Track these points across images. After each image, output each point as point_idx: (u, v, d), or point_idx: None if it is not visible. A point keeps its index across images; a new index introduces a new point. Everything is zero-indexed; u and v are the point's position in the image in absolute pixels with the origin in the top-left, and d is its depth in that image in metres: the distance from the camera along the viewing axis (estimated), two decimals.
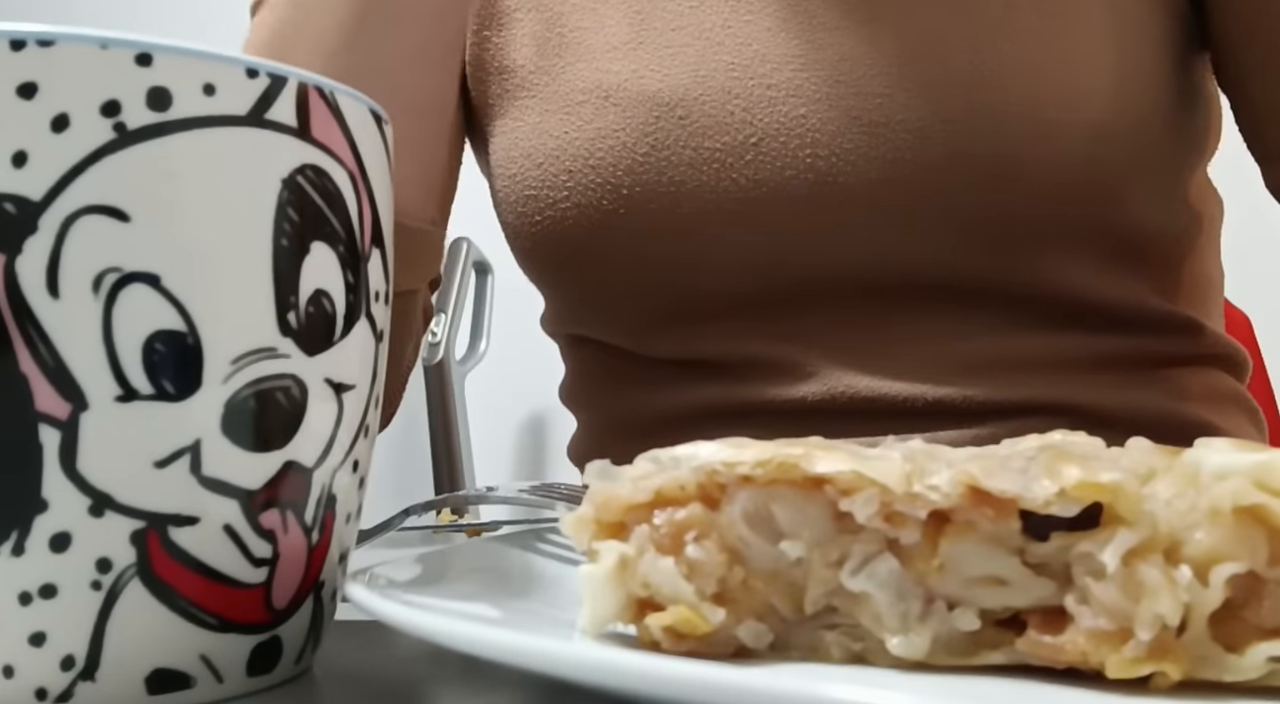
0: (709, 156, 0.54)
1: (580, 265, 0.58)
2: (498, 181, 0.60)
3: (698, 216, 0.55)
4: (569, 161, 0.56)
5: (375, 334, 0.28)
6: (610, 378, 0.63)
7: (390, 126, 0.30)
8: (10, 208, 0.23)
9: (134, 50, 0.24)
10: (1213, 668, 0.21)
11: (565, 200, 0.56)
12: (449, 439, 1.55)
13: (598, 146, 0.56)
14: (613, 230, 0.56)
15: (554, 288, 0.63)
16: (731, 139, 0.54)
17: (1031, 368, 0.54)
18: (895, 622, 0.23)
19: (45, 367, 0.23)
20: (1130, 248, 0.55)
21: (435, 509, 0.52)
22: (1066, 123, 0.51)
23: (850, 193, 0.53)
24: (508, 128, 0.60)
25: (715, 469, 0.24)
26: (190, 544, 0.24)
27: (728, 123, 0.54)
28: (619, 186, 0.55)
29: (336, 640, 0.32)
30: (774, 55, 0.55)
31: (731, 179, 0.54)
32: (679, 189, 0.54)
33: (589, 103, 0.57)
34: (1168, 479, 0.22)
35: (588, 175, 0.56)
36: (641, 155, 0.55)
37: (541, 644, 0.19)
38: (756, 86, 0.54)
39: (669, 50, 0.57)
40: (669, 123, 0.55)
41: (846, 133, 0.53)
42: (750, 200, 0.54)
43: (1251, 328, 0.94)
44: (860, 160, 0.53)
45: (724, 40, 0.56)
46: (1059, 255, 0.53)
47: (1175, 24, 0.56)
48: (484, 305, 1.67)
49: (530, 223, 0.58)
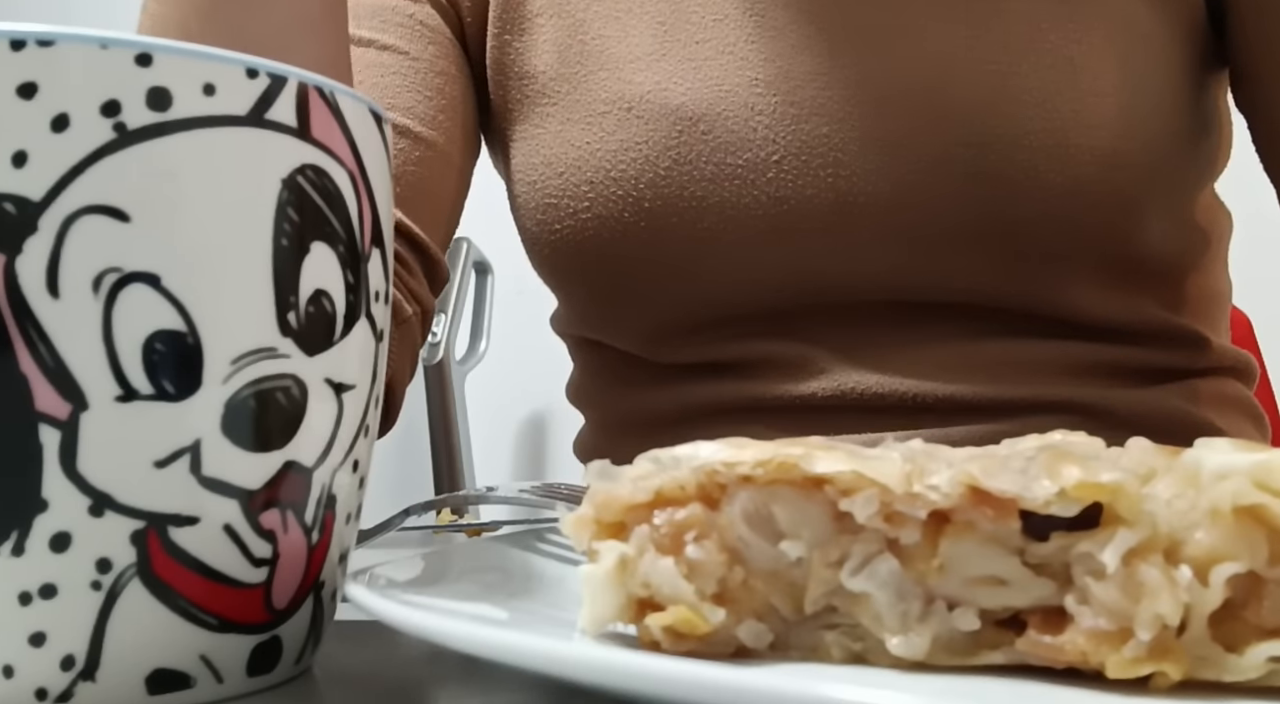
0: (731, 172, 0.54)
1: (598, 275, 0.58)
2: (517, 187, 0.60)
3: (717, 231, 0.55)
4: (590, 172, 0.56)
5: (375, 334, 0.28)
6: (619, 379, 0.63)
7: (390, 126, 0.30)
8: (10, 208, 0.23)
9: (134, 50, 0.24)
10: (1213, 668, 0.21)
11: (586, 211, 0.56)
12: (449, 439, 1.55)
13: (620, 159, 0.56)
14: (632, 242, 0.56)
15: (570, 294, 0.63)
16: (754, 155, 0.54)
17: (1041, 369, 0.55)
18: (895, 622, 0.23)
19: (45, 367, 0.23)
20: (1140, 265, 0.56)
21: (435, 509, 0.52)
22: (1082, 147, 0.51)
23: (869, 212, 0.53)
24: (529, 134, 0.60)
25: (715, 469, 0.24)
26: (190, 544, 0.24)
27: (750, 139, 0.54)
28: (640, 200, 0.55)
29: (336, 640, 0.32)
30: (798, 73, 0.55)
31: (753, 195, 0.54)
32: (700, 204, 0.55)
33: (612, 114, 0.57)
34: (1168, 479, 0.22)
35: (609, 187, 0.56)
36: (664, 169, 0.55)
37: (541, 644, 0.19)
38: (780, 103, 0.55)
39: (692, 63, 0.57)
40: (692, 137, 0.55)
41: (867, 153, 0.53)
42: (770, 217, 0.54)
43: (1252, 329, 0.94)
44: (880, 180, 0.53)
45: (748, 55, 0.56)
46: (1070, 274, 0.54)
47: (1194, 47, 0.56)
48: (484, 305, 1.67)
49: (550, 231, 0.58)
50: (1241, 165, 0.60)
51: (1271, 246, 0.57)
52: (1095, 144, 0.51)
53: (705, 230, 0.55)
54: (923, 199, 0.52)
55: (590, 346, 0.65)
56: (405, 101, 0.59)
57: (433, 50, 0.61)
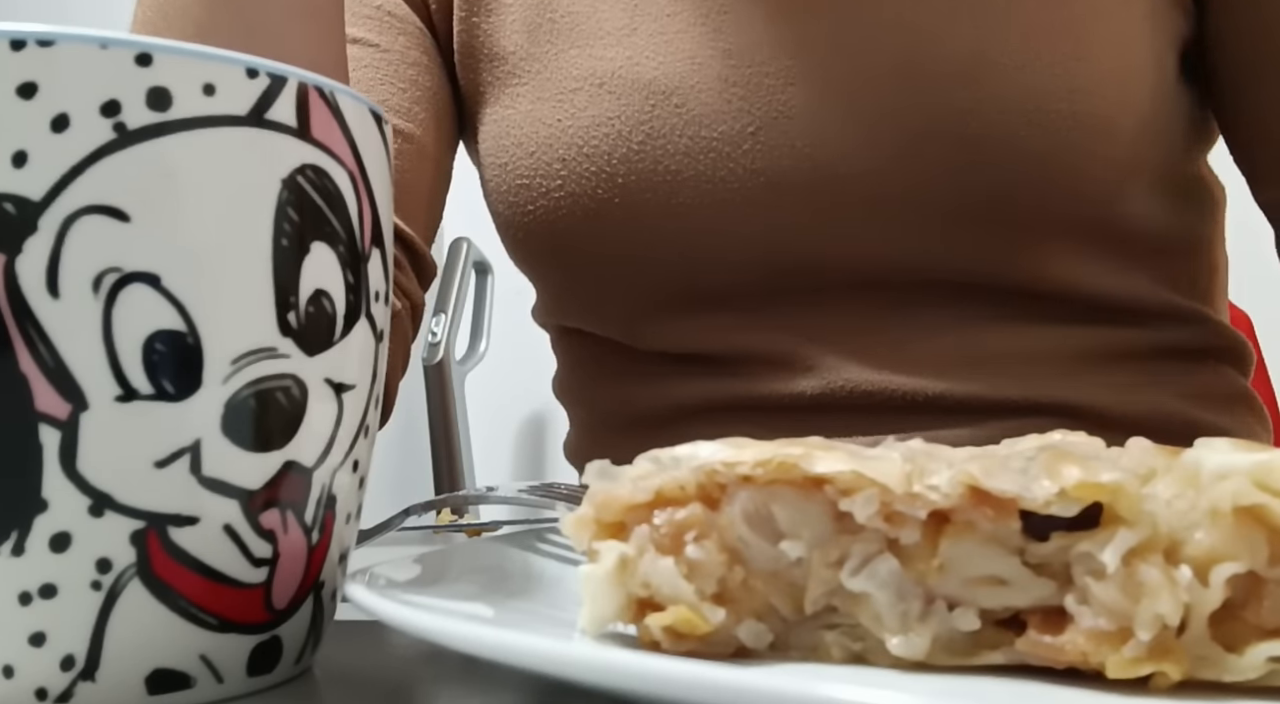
0: (706, 145, 0.54)
1: (573, 255, 0.57)
2: (488, 171, 0.59)
3: (694, 206, 0.54)
4: (562, 150, 0.55)
5: (375, 334, 0.28)
6: (602, 371, 0.62)
7: (390, 126, 0.30)
8: (10, 208, 0.23)
9: (134, 50, 0.24)
10: (1213, 668, 0.21)
11: (559, 189, 0.55)
12: (449, 439, 1.55)
13: (592, 134, 0.55)
14: (607, 219, 0.55)
15: (546, 278, 0.62)
16: (729, 128, 0.53)
17: (1034, 362, 0.54)
18: (895, 622, 0.23)
19: (45, 367, 0.23)
20: (1131, 237, 0.55)
21: (435, 509, 0.52)
22: (1064, 112, 0.51)
23: (849, 183, 0.52)
24: (499, 116, 0.59)
25: (715, 469, 0.24)
26: (190, 544, 0.24)
27: (725, 111, 0.54)
28: (614, 175, 0.54)
29: (336, 640, 0.32)
30: (772, 42, 0.54)
31: (729, 168, 0.53)
32: (675, 178, 0.54)
33: (583, 90, 0.56)
34: (1168, 479, 0.22)
35: (582, 163, 0.55)
36: (637, 143, 0.54)
37: (541, 644, 0.19)
38: (754, 74, 0.54)
39: (664, 37, 0.56)
40: (665, 110, 0.54)
41: (846, 122, 0.52)
42: (747, 190, 0.53)
43: (1252, 327, 0.94)
44: (860, 149, 0.52)
45: (721, 26, 0.55)
46: (1061, 247, 0.53)
47: (1181, 16, 0.56)
48: (484, 305, 1.67)
49: (522, 212, 0.57)
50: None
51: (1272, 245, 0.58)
52: (1077, 109, 0.51)
53: (681, 205, 0.54)
54: (904, 168, 0.52)
55: (572, 336, 0.64)
56: (379, 95, 0.59)
57: (403, 41, 0.61)
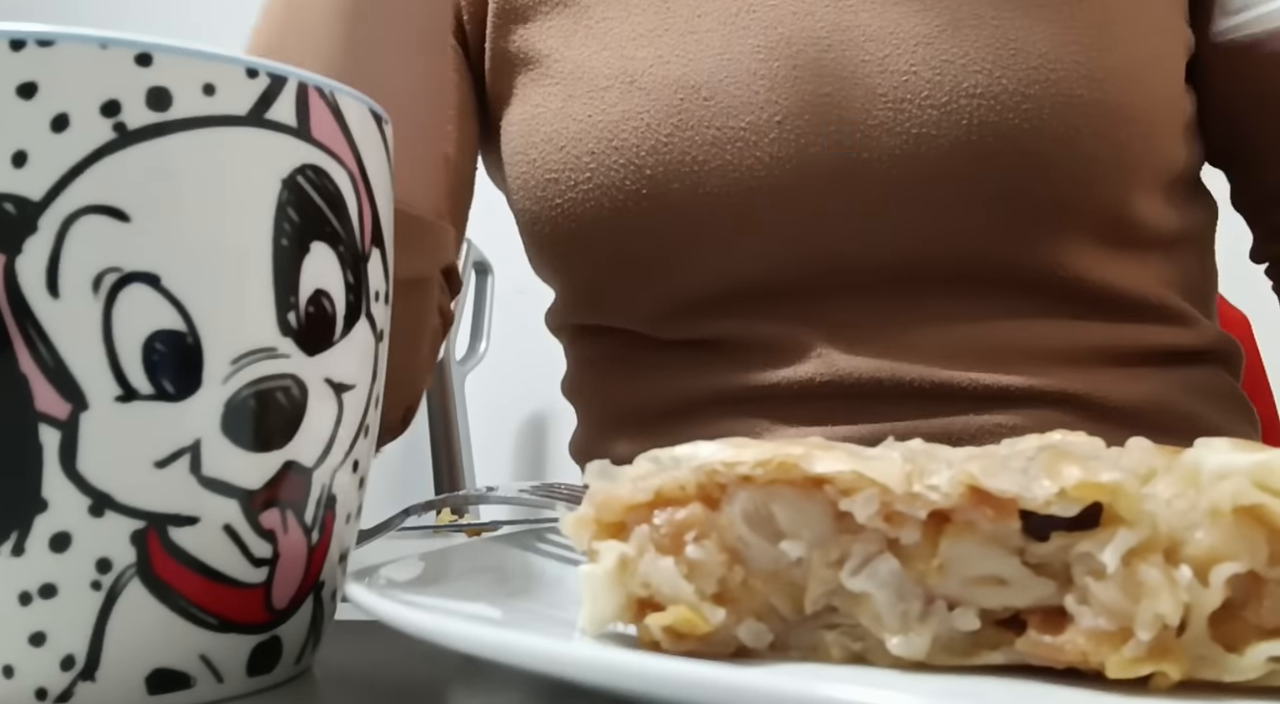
0: (733, 135, 0.55)
1: (601, 248, 0.58)
2: (515, 168, 0.60)
3: (720, 196, 0.55)
4: (592, 143, 0.57)
5: (375, 334, 0.28)
6: (614, 367, 0.63)
7: (390, 126, 0.30)
8: (10, 208, 0.23)
9: (134, 50, 0.24)
10: (1213, 668, 0.21)
11: (587, 182, 0.56)
12: (449, 439, 1.56)
13: (621, 128, 0.56)
14: (634, 211, 0.56)
15: (570, 273, 0.62)
16: (755, 117, 0.55)
17: (1038, 353, 0.55)
18: (895, 622, 0.23)
19: (45, 367, 0.23)
20: (1144, 237, 0.56)
21: (435, 509, 0.52)
22: (1085, 99, 0.52)
23: (873, 169, 0.54)
24: (528, 114, 0.60)
25: (715, 469, 0.24)
26: (190, 544, 0.24)
27: (752, 102, 0.55)
28: (642, 167, 0.55)
29: (336, 640, 0.32)
30: (800, 37, 0.55)
31: (755, 156, 0.54)
32: (701, 168, 0.55)
33: (614, 88, 0.57)
34: (1168, 479, 0.22)
35: (610, 156, 0.56)
36: (665, 135, 0.55)
37: (541, 644, 0.19)
38: (782, 68, 0.55)
39: (694, 36, 0.57)
40: (693, 104, 0.55)
41: (871, 109, 0.54)
42: (773, 177, 0.54)
43: (1250, 328, 0.94)
44: (884, 136, 0.53)
45: (749, 24, 0.56)
46: (1076, 240, 0.54)
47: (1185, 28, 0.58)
48: (484, 305, 1.67)
49: (550, 206, 0.58)
50: None
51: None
52: (1098, 97, 0.52)
53: (707, 195, 0.55)
54: (927, 152, 0.53)
55: (588, 334, 0.65)
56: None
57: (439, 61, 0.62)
